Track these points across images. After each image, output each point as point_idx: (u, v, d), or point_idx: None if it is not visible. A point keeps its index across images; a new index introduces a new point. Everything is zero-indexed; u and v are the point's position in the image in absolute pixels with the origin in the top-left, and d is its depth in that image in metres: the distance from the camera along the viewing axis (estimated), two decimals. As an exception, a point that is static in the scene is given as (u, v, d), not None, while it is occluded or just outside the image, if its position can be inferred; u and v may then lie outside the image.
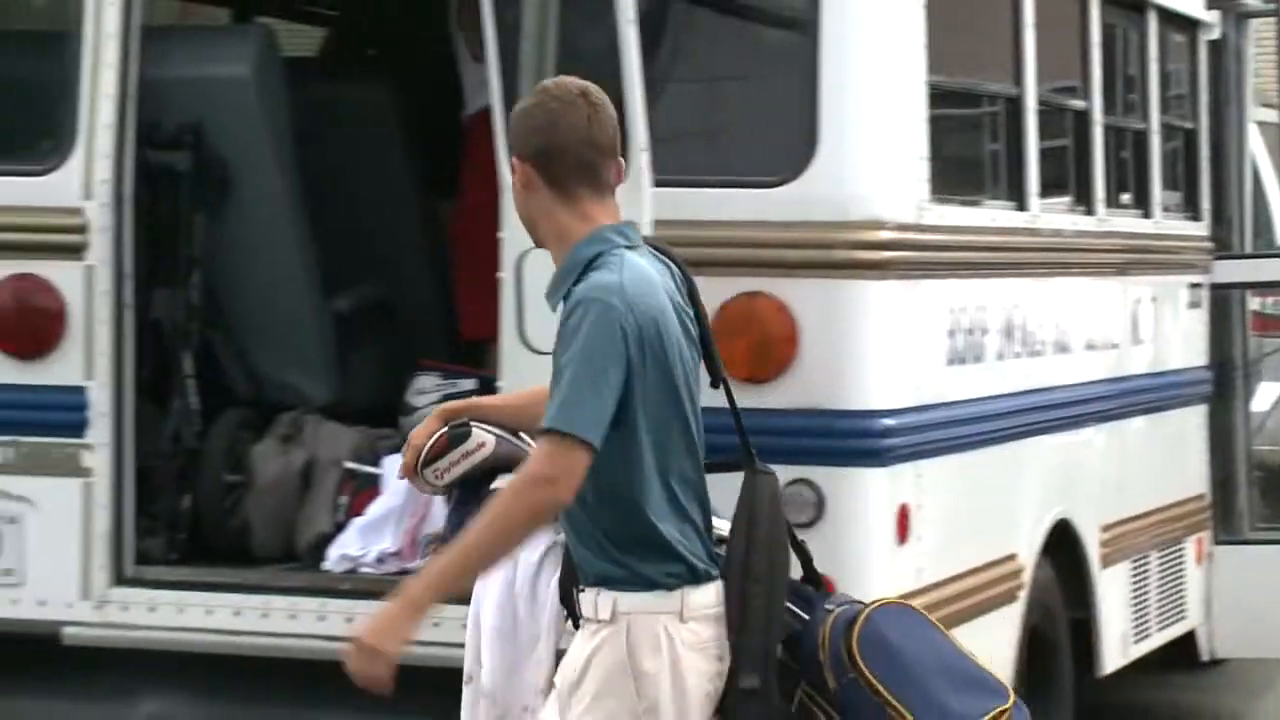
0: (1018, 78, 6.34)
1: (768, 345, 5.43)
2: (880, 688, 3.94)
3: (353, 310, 6.70)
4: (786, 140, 5.58)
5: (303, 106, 5.91)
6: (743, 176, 5.59)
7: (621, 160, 3.97)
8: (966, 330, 5.99)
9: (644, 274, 3.83)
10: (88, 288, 5.87)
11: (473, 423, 4.29)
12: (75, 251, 5.86)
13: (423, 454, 4.25)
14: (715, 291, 5.32)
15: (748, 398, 5.20)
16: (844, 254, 5.47)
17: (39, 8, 6.84)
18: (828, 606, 4.01)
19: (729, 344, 5.23)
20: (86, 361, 5.89)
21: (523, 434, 4.27)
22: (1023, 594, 6.16)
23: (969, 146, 6.52)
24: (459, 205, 6.56)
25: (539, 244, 3.98)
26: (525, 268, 5.29)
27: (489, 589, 4.29)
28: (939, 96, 5.87)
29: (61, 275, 5.89)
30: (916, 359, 5.70)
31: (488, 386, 5.98)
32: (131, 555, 5.90)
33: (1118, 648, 6.99)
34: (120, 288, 5.90)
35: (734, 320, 5.41)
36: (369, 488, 6.34)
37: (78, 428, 5.84)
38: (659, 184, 5.12)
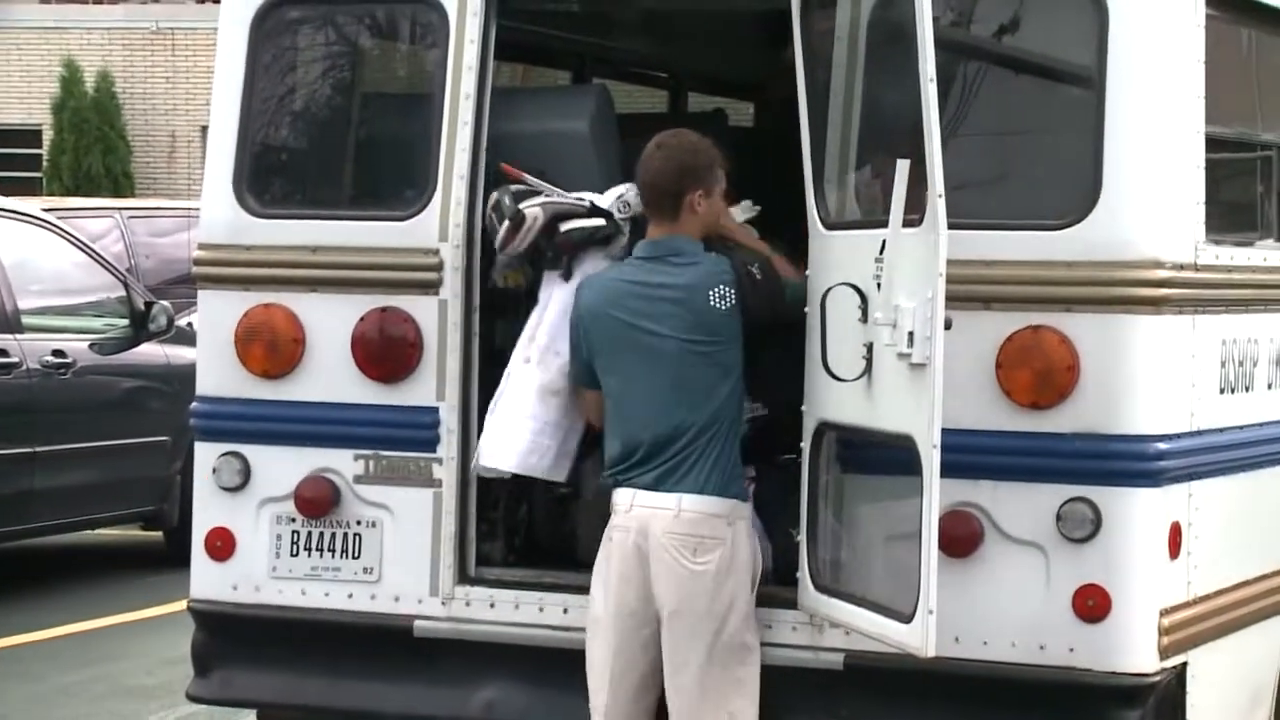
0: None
1: (1050, 374, 5.55)
2: None
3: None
4: (1072, 187, 5.63)
5: (633, 155, 6.09)
6: (1031, 220, 5.66)
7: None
8: (1238, 361, 6.03)
9: None
10: (441, 319, 6.11)
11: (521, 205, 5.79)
12: (431, 287, 6.12)
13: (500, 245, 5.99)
14: (1002, 325, 5.60)
15: (1031, 422, 5.56)
16: (1123, 291, 5.55)
17: (405, 75, 6.94)
18: None
19: (1014, 372, 5.59)
20: (439, 385, 6.12)
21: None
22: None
23: (1242, 191, 6.55)
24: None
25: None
26: (828, 301, 5.57)
27: None
28: (1214, 144, 5.87)
29: (419, 308, 6.14)
30: (1189, 388, 5.76)
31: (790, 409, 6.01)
32: (473, 557, 6.14)
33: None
34: (469, 319, 6.13)
35: (1019, 351, 5.57)
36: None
37: (430, 444, 6.10)
38: (953, 227, 5.15)
